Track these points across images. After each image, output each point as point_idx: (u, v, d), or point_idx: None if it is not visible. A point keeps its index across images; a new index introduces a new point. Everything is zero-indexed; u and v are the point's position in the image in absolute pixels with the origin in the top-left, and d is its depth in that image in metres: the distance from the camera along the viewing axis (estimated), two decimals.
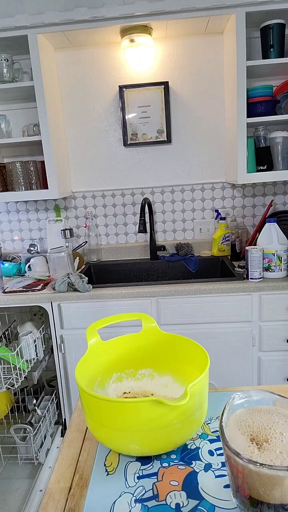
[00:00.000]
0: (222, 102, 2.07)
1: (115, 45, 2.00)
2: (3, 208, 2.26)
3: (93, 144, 2.15)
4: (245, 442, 0.50)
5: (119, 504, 0.56)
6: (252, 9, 1.67)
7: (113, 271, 2.17)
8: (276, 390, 0.83)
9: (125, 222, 2.24)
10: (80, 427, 0.77)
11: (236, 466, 0.47)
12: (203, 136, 2.11)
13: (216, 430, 0.71)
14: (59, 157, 2.00)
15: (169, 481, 0.60)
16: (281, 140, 1.87)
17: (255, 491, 0.47)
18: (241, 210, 2.19)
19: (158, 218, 2.22)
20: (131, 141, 2.11)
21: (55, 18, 1.71)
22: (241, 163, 1.83)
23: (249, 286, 1.67)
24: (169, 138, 2.10)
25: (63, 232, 2.14)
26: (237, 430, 0.52)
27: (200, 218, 2.21)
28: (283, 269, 1.70)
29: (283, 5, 1.65)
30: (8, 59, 1.85)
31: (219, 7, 1.68)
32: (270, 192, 2.15)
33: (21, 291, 1.78)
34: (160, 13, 1.70)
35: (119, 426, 0.59)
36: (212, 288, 1.67)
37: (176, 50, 2.02)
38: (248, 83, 1.76)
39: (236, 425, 0.53)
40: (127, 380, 0.80)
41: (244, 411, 0.55)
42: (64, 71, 2.07)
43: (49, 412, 1.92)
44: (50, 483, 0.63)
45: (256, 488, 0.46)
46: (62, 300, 1.74)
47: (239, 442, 0.50)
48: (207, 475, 0.60)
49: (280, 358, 1.75)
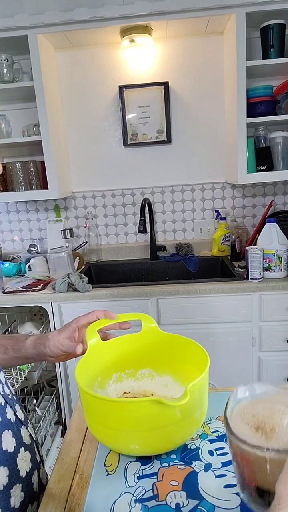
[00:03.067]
0: (222, 102, 2.06)
1: (115, 45, 2.00)
2: (3, 208, 2.26)
3: (93, 144, 2.15)
4: (251, 431, 0.49)
5: (119, 504, 0.56)
6: (252, 9, 1.67)
7: (113, 271, 2.17)
8: None
9: (125, 222, 2.24)
10: (80, 427, 0.77)
11: (243, 454, 0.47)
12: (203, 136, 2.11)
13: (216, 430, 0.71)
14: (59, 157, 2.00)
15: (169, 481, 0.60)
16: (281, 140, 1.87)
17: (263, 480, 0.46)
18: (241, 210, 2.19)
19: (158, 218, 2.22)
20: (131, 141, 2.11)
21: (55, 18, 1.71)
22: (241, 163, 1.83)
23: (249, 286, 1.67)
24: (169, 138, 2.10)
25: (63, 232, 2.14)
26: (241, 421, 0.51)
27: (200, 218, 2.21)
28: (283, 269, 1.70)
29: (283, 5, 1.65)
30: (8, 59, 1.85)
31: (219, 7, 1.68)
32: (270, 192, 2.15)
33: (21, 291, 1.78)
34: (160, 13, 1.70)
35: (119, 426, 0.59)
36: (212, 288, 1.67)
37: (176, 50, 2.02)
38: (248, 83, 1.76)
39: (241, 416, 0.52)
40: (127, 380, 0.80)
41: (248, 403, 0.54)
42: (64, 71, 2.07)
43: (49, 412, 1.92)
44: (50, 483, 0.63)
45: (263, 477, 0.46)
46: (62, 300, 1.74)
47: (244, 432, 0.49)
48: (207, 475, 0.60)
49: (280, 358, 1.75)
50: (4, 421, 0.59)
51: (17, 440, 0.60)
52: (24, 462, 0.61)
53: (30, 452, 0.63)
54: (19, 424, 0.63)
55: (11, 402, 0.63)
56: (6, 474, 0.56)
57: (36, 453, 0.67)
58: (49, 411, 1.92)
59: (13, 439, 0.59)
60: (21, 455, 0.60)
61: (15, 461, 0.59)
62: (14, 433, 0.60)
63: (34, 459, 0.65)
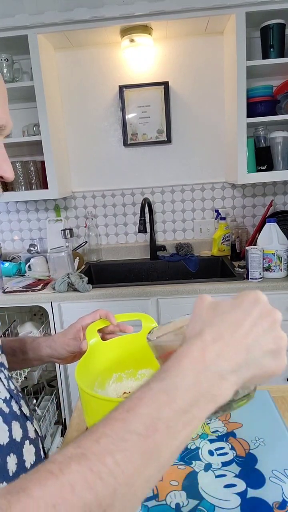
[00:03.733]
0: (222, 102, 2.06)
1: (115, 45, 2.00)
2: (3, 208, 2.26)
3: (93, 144, 2.15)
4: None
5: None
6: (252, 9, 1.67)
7: (113, 271, 2.17)
8: (276, 390, 0.83)
9: (125, 222, 2.24)
10: (80, 427, 0.77)
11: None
12: (203, 136, 2.11)
13: (216, 430, 0.71)
14: (59, 157, 2.00)
15: (169, 481, 0.60)
16: (281, 140, 1.87)
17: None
18: (241, 210, 2.19)
19: (158, 218, 2.22)
20: (131, 141, 2.11)
21: (55, 18, 1.71)
22: (241, 163, 1.83)
23: (249, 286, 1.67)
24: (169, 138, 2.10)
25: (63, 232, 2.14)
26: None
27: (200, 218, 2.21)
28: (283, 269, 1.70)
29: (283, 5, 1.65)
30: (8, 59, 1.85)
31: (219, 7, 1.68)
32: (270, 192, 2.15)
33: (21, 291, 1.78)
34: (160, 13, 1.70)
35: None
36: (212, 288, 1.67)
37: (176, 50, 2.02)
38: (248, 83, 1.76)
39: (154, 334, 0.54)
40: (127, 380, 0.80)
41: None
42: (64, 71, 2.07)
43: (49, 412, 1.92)
44: None
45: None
46: (62, 300, 1.74)
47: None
48: (207, 475, 0.60)
49: None
50: (12, 412, 0.59)
51: (23, 431, 0.61)
52: (29, 455, 0.61)
53: (34, 446, 0.64)
54: (24, 419, 0.63)
55: (16, 397, 0.63)
56: (15, 462, 0.56)
57: (40, 448, 0.67)
58: (49, 411, 1.92)
59: (20, 430, 0.59)
60: (26, 447, 0.60)
61: (22, 451, 0.59)
62: (20, 425, 0.60)
63: (38, 453, 0.65)
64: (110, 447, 0.31)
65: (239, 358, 0.38)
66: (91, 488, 0.29)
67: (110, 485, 0.30)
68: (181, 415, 0.34)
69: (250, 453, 0.64)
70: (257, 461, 0.62)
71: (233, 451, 0.65)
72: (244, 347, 0.38)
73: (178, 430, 0.34)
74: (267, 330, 0.40)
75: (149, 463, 0.32)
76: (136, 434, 0.32)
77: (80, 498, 0.28)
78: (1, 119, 0.55)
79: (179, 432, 0.34)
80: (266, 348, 0.39)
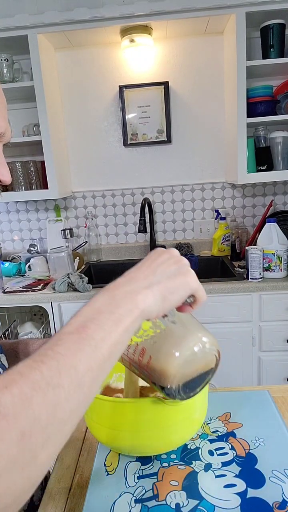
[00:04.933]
0: (222, 102, 2.06)
1: (115, 45, 2.00)
2: (3, 208, 2.26)
3: (93, 144, 2.15)
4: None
5: (119, 504, 0.56)
6: (252, 9, 1.67)
7: (113, 271, 2.17)
8: (276, 390, 0.83)
9: (125, 222, 2.24)
10: (80, 427, 0.77)
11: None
12: (203, 136, 2.11)
13: (216, 430, 0.71)
14: (59, 157, 2.00)
15: (169, 481, 0.60)
16: (281, 140, 1.87)
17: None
18: (241, 210, 2.19)
19: (158, 218, 2.22)
20: (131, 141, 2.11)
21: (55, 18, 1.71)
22: (241, 163, 1.83)
23: (249, 286, 1.67)
24: (169, 138, 2.10)
25: (63, 232, 2.14)
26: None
27: (200, 218, 2.21)
28: (283, 269, 1.70)
29: (283, 5, 1.65)
30: (8, 59, 1.85)
31: (219, 7, 1.68)
32: (270, 192, 2.15)
33: (21, 291, 1.78)
34: (160, 13, 1.70)
35: (119, 426, 0.59)
36: (212, 288, 1.67)
37: (176, 50, 2.02)
38: (248, 83, 1.76)
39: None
40: None
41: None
42: (64, 71, 2.07)
43: None
44: (50, 483, 0.63)
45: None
46: (62, 300, 1.74)
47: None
48: (207, 475, 0.60)
49: (280, 358, 1.75)
50: None
51: None
52: None
53: None
54: None
55: None
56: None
57: None
58: None
59: None
60: None
61: None
62: None
63: None
64: (49, 346, 0.36)
65: (148, 280, 0.44)
66: (36, 368, 0.33)
67: (54, 366, 0.33)
68: (109, 315, 0.39)
69: (250, 453, 0.64)
70: (257, 461, 0.62)
71: (233, 451, 0.65)
72: (151, 272, 0.45)
73: (109, 325, 0.38)
74: (173, 265, 0.47)
75: (85, 349, 0.36)
76: (68, 333, 0.37)
77: (29, 377, 0.32)
78: (0, 127, 0.56)
79: (110, 326, 0.38)
80: (171, 270, 0.46)
